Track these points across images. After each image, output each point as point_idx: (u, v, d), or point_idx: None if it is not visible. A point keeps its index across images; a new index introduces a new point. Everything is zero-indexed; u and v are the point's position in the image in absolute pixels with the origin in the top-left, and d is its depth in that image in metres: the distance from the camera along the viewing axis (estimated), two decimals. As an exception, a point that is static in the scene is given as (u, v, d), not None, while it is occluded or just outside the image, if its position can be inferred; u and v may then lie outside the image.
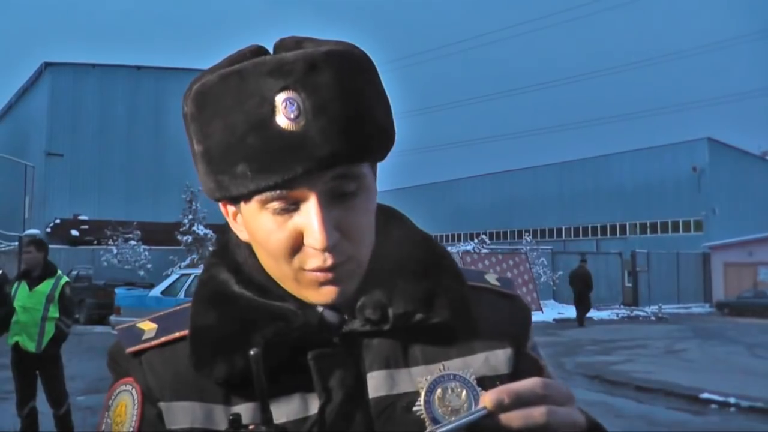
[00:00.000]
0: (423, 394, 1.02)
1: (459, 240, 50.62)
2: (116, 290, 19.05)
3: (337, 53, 0.96)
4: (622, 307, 36.27)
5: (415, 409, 1.02)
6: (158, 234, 33.47)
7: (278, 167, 0.93)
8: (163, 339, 1.09)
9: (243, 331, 1.03)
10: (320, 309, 1.06)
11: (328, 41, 1.00)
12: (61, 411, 7.85)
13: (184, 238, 30.33)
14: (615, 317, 31.84)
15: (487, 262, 31.56)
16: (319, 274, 0.98)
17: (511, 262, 32.12)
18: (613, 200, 58.00)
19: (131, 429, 1.06)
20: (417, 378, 1.05)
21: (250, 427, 0.94)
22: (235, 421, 0.94)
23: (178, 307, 1.15)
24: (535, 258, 34.35)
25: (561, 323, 28.29)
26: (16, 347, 7.72)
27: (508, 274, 31.05)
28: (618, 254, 39.95)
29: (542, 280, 33.85)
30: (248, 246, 1.08)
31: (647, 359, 17.14)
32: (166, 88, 44.52)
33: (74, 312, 8.11)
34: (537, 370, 1.17)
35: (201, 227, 30.52)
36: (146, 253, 31.13)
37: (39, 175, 40.18)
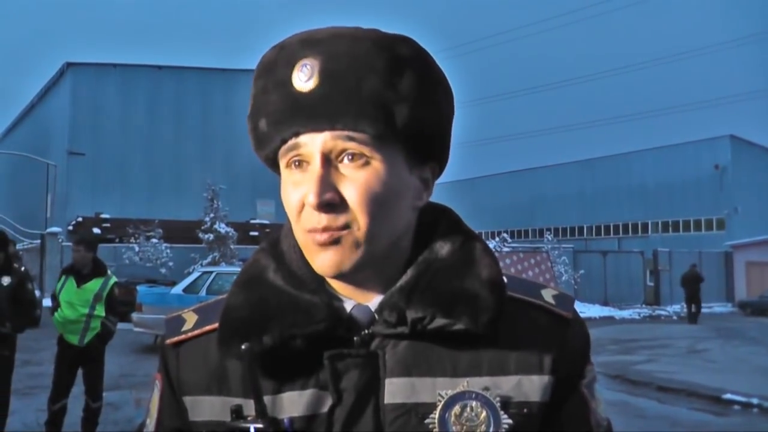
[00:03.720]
0: (440, 407, 1.01)
1: (480, 238, 50.60)
2: (138, 288, 19.11)
3: (369, 33, 1.00)
4: (643, 306, 36.12)
5: (427, 421, 1.01)
6: (180, 232, 33.59)
7: (285, 123, 1.00)
8: (197, 331, 1.13)
9: (265, 318, 1.03)
10: (349, 308, 1.06)
11: (384, 31, 1.04)
12: (96, 405, 7.94)
13: (206, 236, 30.41)
14: (637, 316, 31.69)
15: (508, 261, 31.48)
16: (316, 235, 0.99)
17: (532, 261, 32.03)
18: (635, 198, 57.75)
19: (153, 424, 1.15)
20: (439, 390, 1.02)
21: (248, 418, 0.98)
22: (235, 412, 0.99)
23: (220, 297, 1.17)
24: (557, 257, 34.26)
25: (582, 322, 28.15)
26: (61, 340, 7.85)
27: (530, 273, 31.06)
28: (640, 253, 39.77)
29: (564, 278, 33.73)
30: (293, 236, 1.08)
31: (669, 359, 17.04)
32: (187, 88, 44.74)
33: (119, 311, 8.27)
34: (581, 412, 1.11)
35: (222, 225, 30.59)
36: (168, 250, 31.24)
37: (61, 174, 40.43)
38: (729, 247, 42.49)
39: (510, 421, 1.01)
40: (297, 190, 1.01)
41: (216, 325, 1.08)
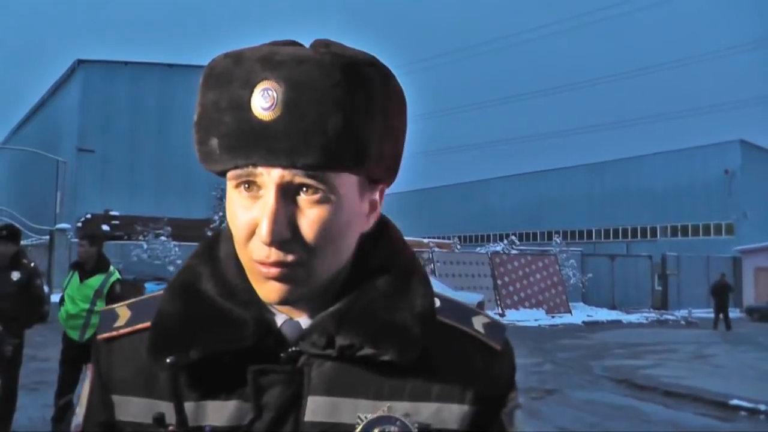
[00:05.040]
0: (358, 429, 1.01)
1: (488, 241, 50.59)
2: (146, 285, 19.15)
3: (334, 59, 0.94)
4: (651, 310, 36.07)
5: None
6: (188, 230, 33.68)
7: (241, 151, 0.94)
8: (129, 329, 1.12)
9: (193, 331, 1.02)
10: (280, 322, 1.05)
11: (354, 49, 0.99)
12: None
13: (214, 234, 30.46)
14: (644, 321, 31.60)
15: (516, 263, 31.48)
16: (263, 268, 0.97)
17: (540, 264, 32.02)
18: (644, 202, 57.71)
19: (82, 415, 1.16)
20: (360, 412, 1.02)
21: (170, 427, 0.99)
22: (158, 420, 1.00)
23: (154, 294, 1.16)
24: (565, 260, 34.24)
25: (590, 326, 28.13)
26: (65, 336, 7.86)
27: (537, 276, 31.06)
28: (648, 257, 39.73)
29: (572, 282, 33.73)
30: (233, 242, 1.05)
31: (676, 364, 16.99)
32: (197, 86, 44.63)
33: None
34: None
35: (232, 224, 30.65)
36: (176, 248, 31.31)
37: (70, 171, 40.56)
38: (737, 252, 42.41)
39: None
40: (247, 213, 0.97)
41: (147, 324, 1.07)
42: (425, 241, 38.60)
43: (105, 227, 37.86)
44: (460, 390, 1.06)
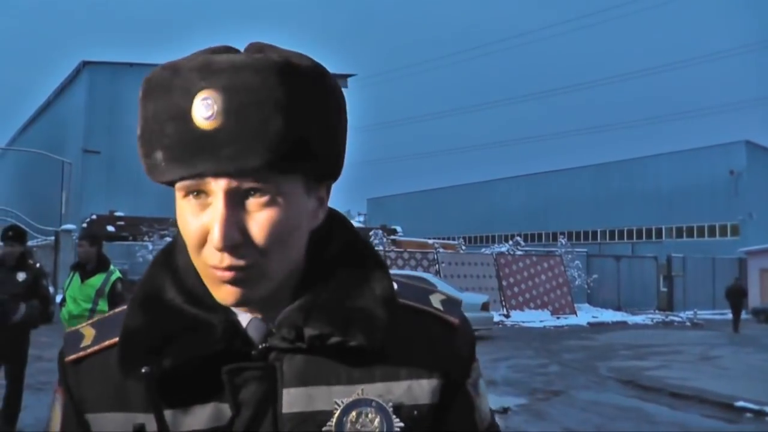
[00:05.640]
0: (336, 415, 1.04)
1: (493, 241, 50.64)
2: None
3: (270, 62, 0.94)
4: (656, 311, 36.07)
5: (324, 429, 1.04)
6: (193, 231, 33.67)
7: (186, 162, 0.94)
8: (97, 347, 1.12)
9: (163, 341, 1.04)
10: (245, 322, 1.07)
11: (288, 51, 1.00)
12: None
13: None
14: (650, 322, 31.60)
15: (521, 264, 31.47)
16: (218, 272, 0.98)
17: (545, 265, 32.01)
18: (649, 203, 57.66)
19: None
20: (335, 398, 1.05)
21: None
22: (137, 430, 1.02)
23: (117, 311, 1.16)
24: (570, 261, 34.23)
25: (595, 327, 28.13)
26: None
27: (542, 277, 31.07)
28: (653, 258, 39.72)
29: (577, 282, 33.71)
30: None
31: (681, 365, 16.97)
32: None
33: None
34: (467, 409, 1.16)
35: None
36: (181, 249, 31.35)
37: (76, 172, 40.60)
38: (743, 254, 42.31)
39: (402, 424, 1.06)
40: (196, 219, 0.99)
41: (115, 340, 1.08)
42: (430, 242, 38.63)
43: (110, 228, 37.93)
44: (427, 366, 1.11)
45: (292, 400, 1.04)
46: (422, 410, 1.08)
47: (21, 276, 7.45)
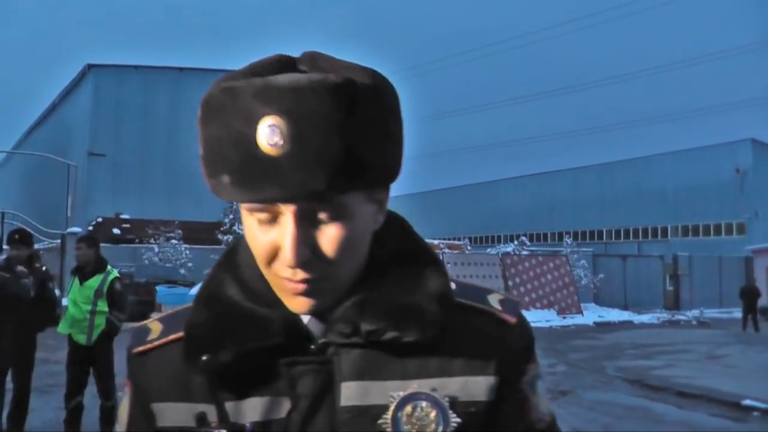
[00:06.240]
0: (392, 408, 1.06)
1: (499, 241, 50.59)
2: (157, 288, 19.24)
3: (331, 84, 0.95)
4: (663, 311, 35.99)
5: (380, 422, 1.05)
6: (199, 233, 33.73)
7: (254, 187, 0.96)
8: (163, 340, 1.17)
9: (224, 334, 1.08)
10: (306, 318, 1.10)
11: (345, 63, 1.01)
12: (109, 404, 7.94)
13: (225, 237, 30.51)
14: (656, 321, 31.53)
15: (527, 264, 31.43)
16: (291, 284, 1.02)
17: (551, 264, 31.97)
18: (655, 202, 57.57)
19: (124, 428, 1.21)
20: (390, 392, 1.07)
21: (212, 425, 1.04)
22: (200, 419, 1.06)
23: (183, 307, 1.21)
24: (576, 260, 34.18)
25: (602, 326, 28.08)
26: (70, 340, 7.87)
27: (548, 277, 31.01)
28: (660, 257, 39.65)
29: (583, 282, 33.67)
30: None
31: (688, 364, 16.94)
32: (208, 90, 44.93)
33: (125, 306, 8.19)
34: (522, 408, 1.17)
35: (241, 227, 30.64)
36: (187, 251, 31.37)
37: (82, 175, 40.70)
38: (749, 252, 42.18)
39: (458, 419, 1.07)
40: (265, 235, 1.02)
41: (179, 334, 1.14)
42: (436, 242, 38.56)
43: (116, 230, 37.99)
44: (483, 362, 1.12)
45: (349, 393, 1.07)
46: (479, 407, 1.10)
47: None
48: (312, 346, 1.08)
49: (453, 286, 1.16)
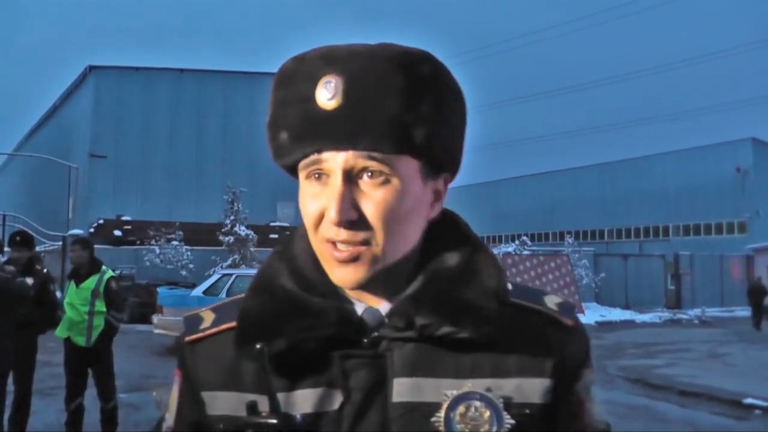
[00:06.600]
0: (445, 407, 1.05)
1: (500, 241, 50.58)
2: (158, 289, 19.18)
3: (387, 51, 1.02)
4: (664, 310, 35.96)
5: (433, 420, 1.05)
6: (200, 234, 33.74)
7: (307, 139, 1.03)
8: (215, 330, 1.18)
9: (277, 322, 1.08)
10: (360, 311, 1.10)
11: (409, 46, 1.06)
12: (109, 405, 7.93)
13: (226, 238, 30.52)
14: (658, 320, 31.53)
15: (528, 264, 31.42)
16: (335, 252, 1.03)
17: (552, 264, 31.95)
18: (656, 202, 57.52)
19: (173, 418, 1.22)
20: (444, 390, 1.06)
21: (263, 414, 1.04)
22: (251, 407, 1.05)
23: (236, 297, 1.21)
24: (577, 260, 34.17)
25: (603, 326, 28.05)
26: (68, 342, 7.85)
27: (550, 276, 30.99)
28: (661, 257, 39.65)
29: (584, 282, 33.67)
30: (308, 239, 1.11)
31: (690, 363, 16.95)
32: (209, 91, 44.92)
33: (123, 305, 8.18)
34: (577, 413, 1.16)
35: (243, 228, 30.69)
36: (188, 253, 31.39)
37: (83, 177, 40.65)
38: (750, 251, 42.15)
39: (512, 421, 1.06)
40: (316, 201, 1.04)
41: (232, 324, 1.14)
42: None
43: (117, 232, 37.99)
44: (539, 364, 1.11)
45: (402, 389, 1.07)
46: (533, 409, 1.09)
47: (29, 281, 7.47)
48: (365, 340, 1.08)
49: (509, 286, 1.16)
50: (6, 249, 7.93)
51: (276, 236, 37.55)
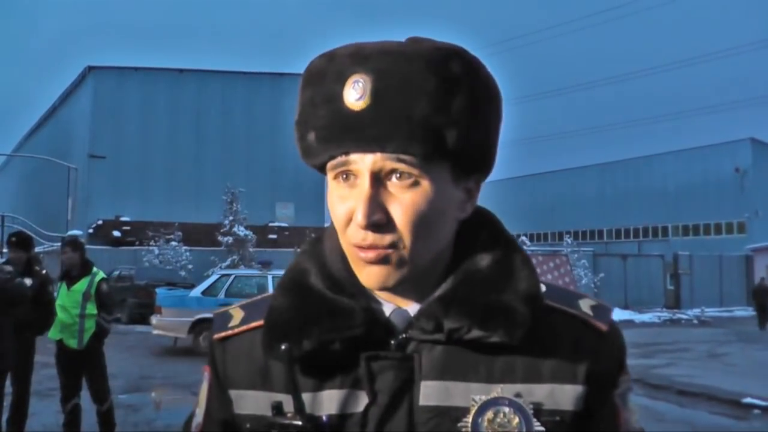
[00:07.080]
0: (473, 412, 1.02)
1: (499, 242, 50.53)
2: (157, 290, 19.15)
3: (419, 50, 0.99)
4: (664, 310, 35.96)
5: (460, 425, 1.02)
6: (199, 235, 33.78)
7: (336, 142, 1.00)
8: (243, 327, 1.18)
9: (305, 322, 1.07)
10: (388, 312, 1.09)
11: (442, 42, 1.03)
12: (104, 407, 7.90)
13: (225, 239, 30.56)
14: (657, 320, 31.54)
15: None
16: (362, 253, 1.01)
17: (551, 264, 31.92)
18: (655, 202, 57.55)
19: (202, 415, 1.22)
20: (473, 395, 1.03)
21: (288, 415, 1.04)
22: (276, 408, 1.05)
23: (265, 295, 1.21)
24: (577, 260, 34.17)
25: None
26: (60, 345, 7.82)
27: (549, 276, 30.93)
28: (660, 257, 39.66)
29: (583, 282, 33.65)
30: (337, 238, 1.09)
31: (689, 363, 16.95)
32: (208, 91, 44.89)
33: (113, 307, 8.13)
34: (612, 422, 1.12)
35: (241, 228, 30.74)
36: (187, 253, 31.41)
37: (82, 177, 40.63)
38: (749, 251, 42.17)
39: (542, 428, 1.03)
40: (344, 204, 1.02)
41: (260, 322, 1.13)
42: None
43: (116, 233, 37.99)
44: (572, 370, 1.07)
45: (429, 393, 1.04)
46: (564, 416, 1.05)
47: (27, 282, 7.45)
48: (392, 341, 1.06)
49: (543, 288, 1.12)
50: (4, 250, 7.91)
51: (275, 236, 37.58)
